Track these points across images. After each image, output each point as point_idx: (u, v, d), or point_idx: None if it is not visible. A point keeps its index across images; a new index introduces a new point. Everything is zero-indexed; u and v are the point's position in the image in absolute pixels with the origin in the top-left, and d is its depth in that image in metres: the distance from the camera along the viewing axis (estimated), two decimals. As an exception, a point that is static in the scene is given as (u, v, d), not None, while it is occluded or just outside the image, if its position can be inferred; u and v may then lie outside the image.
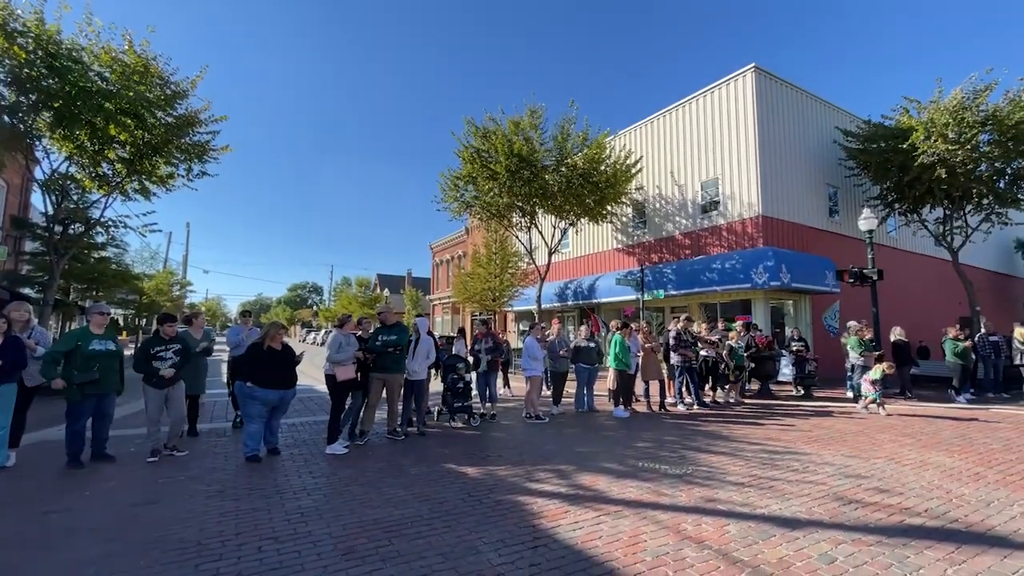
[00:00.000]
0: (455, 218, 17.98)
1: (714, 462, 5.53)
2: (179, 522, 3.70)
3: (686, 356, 9.46)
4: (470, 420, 7.67)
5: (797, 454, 5.93)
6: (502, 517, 3.84)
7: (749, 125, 14.95)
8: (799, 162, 16.03)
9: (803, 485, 4.69)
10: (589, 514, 3.91)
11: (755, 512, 3.98)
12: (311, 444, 6.31)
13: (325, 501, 4.19)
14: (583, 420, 8.27)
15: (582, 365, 8.86)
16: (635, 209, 18.83)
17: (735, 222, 15.34)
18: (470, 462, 5.48)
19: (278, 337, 5.76)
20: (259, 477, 4.90)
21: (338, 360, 6.02)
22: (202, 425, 7.25)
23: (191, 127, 12.00)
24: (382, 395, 6.64)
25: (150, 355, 5.60)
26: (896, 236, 18.61)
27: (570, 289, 20.21)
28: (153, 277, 27.77)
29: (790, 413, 9.04)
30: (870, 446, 6.37)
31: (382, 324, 6.70)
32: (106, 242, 15.42)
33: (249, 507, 4.02)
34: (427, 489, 4.51)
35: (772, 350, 11.98)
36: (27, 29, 9.48)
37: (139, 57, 10.73)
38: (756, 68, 15.09)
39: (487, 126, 15.50)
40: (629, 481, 4.78)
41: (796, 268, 13.76)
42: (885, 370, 9.09)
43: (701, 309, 16.29)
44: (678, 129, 17.44)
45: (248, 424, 5.54)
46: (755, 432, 7.25)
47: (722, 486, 4.64)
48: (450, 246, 33.49)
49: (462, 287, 22.09)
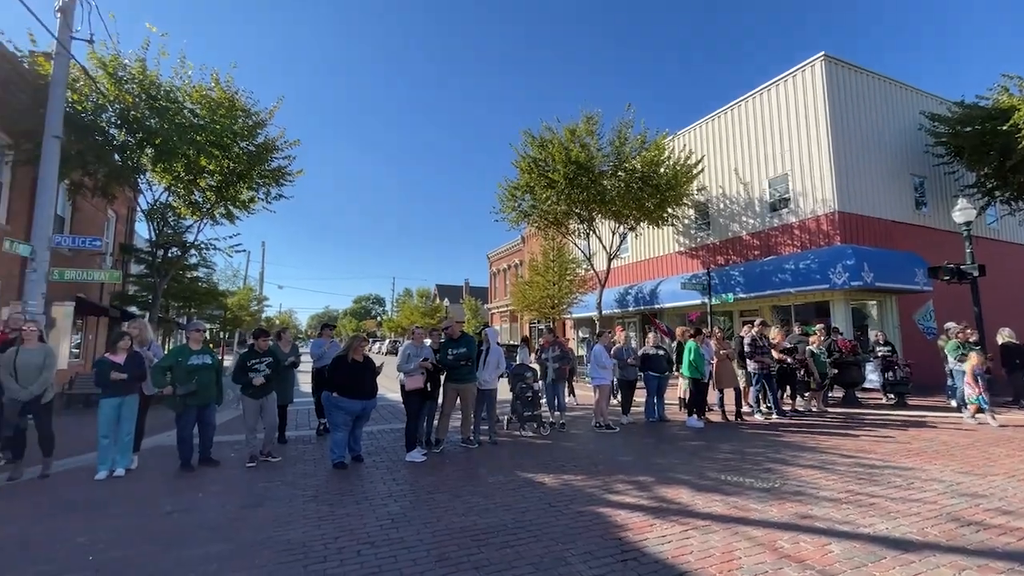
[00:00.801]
0: (512, 228, 18.20)
1: (804, 475, 5.23)
2: (283, 524, 3.97)
3: (763, 363, 9.02)
4: (540, 429, 7.70)
5: (898, 468, 5.48)
6: (586, 529, 3.82)
7: (820, 117, 14.11)
8: (879, 152, 14.92)
9: (910, 503, 4.33)
10: (676, 528, 3.82)
11: (858, 531, 3.73)
12: (390, 451, 6.57)
13: (412, 508, 4.35)
14: (655, 430, 8.07)
15: (651, 373, 8.66)
16: (698, 210, 18.23)
17: (808, 219, 14.48)
18: (546, 472, 5.50)
19: (360, 349, 6.06)
20: (347, 483, 5.16)
21: (406, 370, 6.26)
22: (290, 432, 7.74)
23: (269, 154, 12.96)
24: (455, 404, 6.81)
25: (246, 367, 6.07)
26: (997, 227, 16.88)
27: (631, 294, 19.83)
28: (235, 293, 29.97)
29: (883, 423, 8.38)
30: (984, 461, 5.78)
31: (448, 338, 6.86)
32: (198, 263, 16.86)
33: (343, 512, 4.25)
34: (507, 498, 4.57)
35: (857, 355, 11.15)
36: (133, 76, 10.63)
37: (224, 92, 11.74)
38: (825, 56, 14.25)
39: (544, 135, 15.61)
40: (713, 495, 4.61)
41: (880, 266, 12.77)
42: (978, 363, 8.31)
43: (773, 312, 15.47)
44: (742, 126, 16.74)
45: (334, 432, 5.86)
46: (846, 443, 6.78)
47: (816, 502, 4.38)
48: (507, 255, 33.85)
49: (520, 295, 22.25)
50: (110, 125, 11.13)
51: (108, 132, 11.11)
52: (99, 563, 3.30)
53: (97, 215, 15.69)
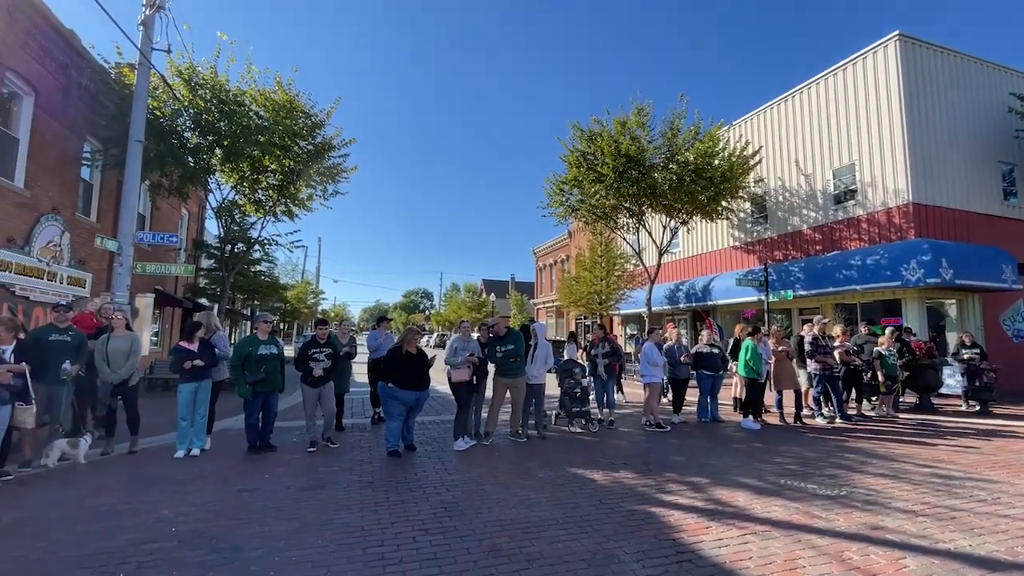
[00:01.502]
0: (560, 223, 18.07)
1: (873, 484, 4.92)
2: (342, 508, 4.16)
3: (825, 363, 8.55)
4: (588, 425, 7.65)
5: (981, 481, 5.06)
6: (638, 527, 3.77)
7: (894, 101, 13.12)
8: (960, 138, 13.71)
9: (996, 519, 4.00)
10: (733, 532, 3.70)
11: (936, 546, 3.48)
12: (441, 441, 6.73)
13: (464, 498, 4.44)
14: (708, 430, 7.84)
15: (705, 372, 8.40)
16: (754, 203, 17.44)
17: (878, 212, 13.54)
18: (595, 468, 5.46)
19: (414, 341, 6.23)
20: (401, 471, 5.33)
21: (453, 363, 6.37)
22: (346, 420, 8.07)
23: (327, 152, 13.49)
24: (505, 398, 6.88)
25: (307, 356, 6.38)
26: (1102, 218, 15.14)
27: (682, 291, 19.26)
28: (294, 287, 31.52)
29: (963, 432, 7.75)
30: (1084, 477, 5.24)
31: (495, 336, 6.92)
32: (261, 258, 17.84)
33: (398, 499, 4.40)
34: (558, 493, 4.58)
35: (932, 358, 10.35)
36: (205, 82, 11.33)
37: (287, 95, 12.31)
38: (901, 36, 13.21)
39: (592, 128, 15.38)
40: (772, 499, 4.43)
41: (960, 261, 11.77)
42: None
43: (836, 311, 14.60)
44: (804, 114, 15.83)
45: (389, 422, 6.06)
46: (920, 452, 6.33)
47: (888, 512, 4.12)
48: (553, 250, 33.71)
49: (567, 291, 22.11)
50: (185, 129, 11.94)
51: (183, 135, 11.92)
52: (180, 534, 3.58)
53: (173, 213, 16.91)
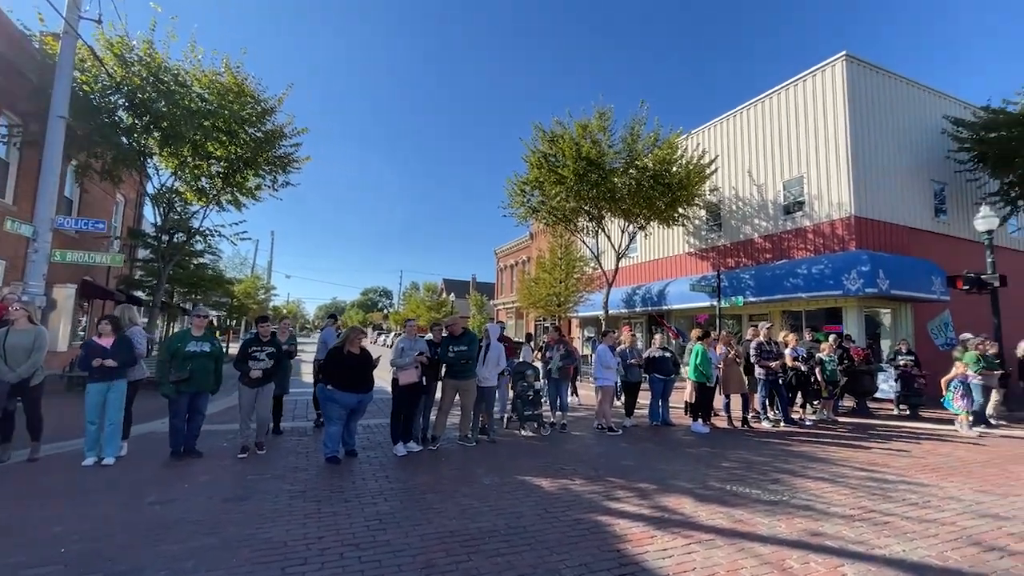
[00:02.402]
0: (521, 223, 17.98)
1: (813, 489, 4.99)
2: (267, 521, 3.82)
3: (769, 369, 8.76)
4: (540, 429, 7.51)
5: (913, 485, 5.23)
6: (583, 538, 3.63)
7: (839, 118, 13.73)
8: (899, 157, 14.51)
9: (927, 524, 4.09)
10: (678, 541, 3.61)
11: (873, 552, 3.50)
12: (386, 446, 6.40)
13: (402, 508, 4.18)
14: (659, 434, 7.85)
15: (657, 376, 8.43)
16: (709, 211, 17.90)
17: (823, 223, 14.13)
18: (544, 474, 5.31)
19: (357, 341, 5.90)
20: (338, 479, 5.00)
21: (399, 364, 6.08)
22: (286, 423, 7.61)
23: (277, 141, 12.84)
24: (454, 401, 6.64)
25: (247, 354, 5.93)
26: (1019, 237, 16.40)
27: (638, 295, 19.54)
28: (242, 282, 30.05)
29: (896, 436, 8.10)
30: (1004, 480, 5.51)
31: (450, 334, 6.69)
32: (204, 250, 16.82)
33: (330, 510, 4.09)
34: (502, 502, 4.38)
35: (869, 364, 10.84)
36: (140, 58, 10.52)
37: (234, 78, 11.62)
38: (847, 56, 13.85)
39: (555, 130, 15.36)
40: (718, 506, 4.40)
41: (896, 273, 12.41)
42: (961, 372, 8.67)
43: (783, 317, 15.13)
44: (757, 126, 16.37)
45: (328, 426, 5.71)
46: (858, 456, 6.52)
47: (827, 518, 4.15)
48: (514, 251, 33.64)
49: (527, 292, 22.04)
50: (117, 107, 11.06)
51: (116, 114, 11.03)
52: (71, 556, 3.16)
53: (106, 199, 15.69)
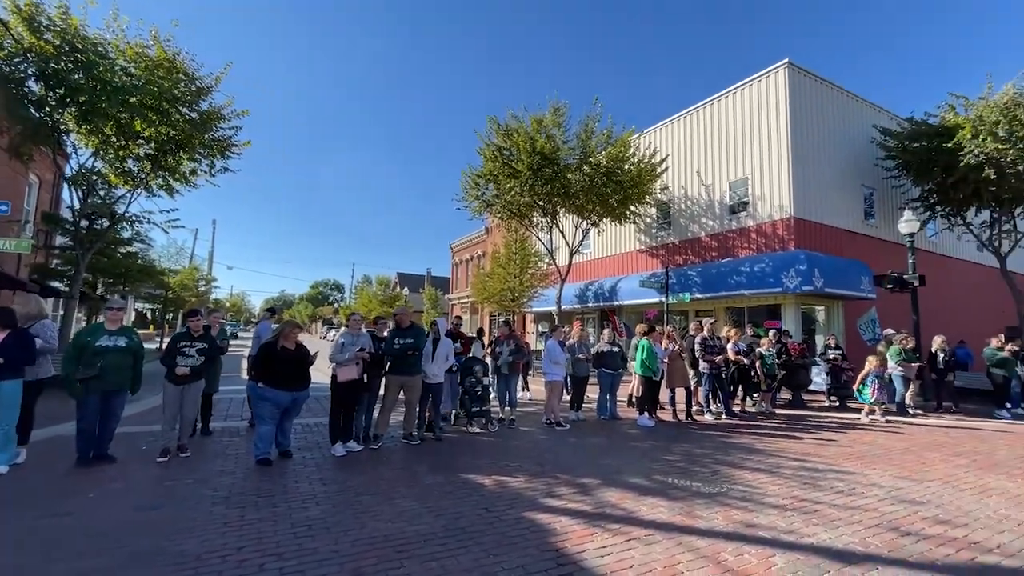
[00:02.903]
0: (475, 217, 17.81)
1: (751, 480, 5.13)
2: (181, 531, 3.49)
3: (713, 363, 9.02)
4: (488, 425, 7.39)
5: (840, 473, 5.48)
6: (522, 538, 3.54)
7: (782, 123, 14.36)
8: (834, 162, 15.36)
9: (852, 511, 4.27)
10: (618, 538, 3.58)
11: (802, 541, 3.60)
12: (324, 446, 6.09)
13: (334, 512, 3.94)
14: (606, 428, 7.91)
15: (605, 371, 8.50)
16: (659, 210, 18.34)
17: (765, 223, 14.76)
18: (488, 472, 5.19)
19: (292, 336, 5.57)
20: (268, 482, 4.69)
21: (339, 361, 5.80)
22: (216, 423, 7.13)
23: (214, 123, 12.04)
24: (398, 398, 6.41)
25: (175, 350, 5.48)
26: (937, 240, 17.75)
27: (591, 291, 19.80)
28: (179, 273, 28.24)
29: (826, 426, 8.53)
30: (920, 466, 5.88)
31: (397, 326, 6.46)
32: (131, 237, 15.61)
33: (255, 516, 3.80)
34: (443, 502, 4.23)
35: (805, 358, 11.41)
36: (53, 23, 9.55)
37: (165, 52, 10.77)
38: (790, 64, 14.49)
39: (510, 124, 15.24)
40: (659, 499, 4.43)
41: (830, 272, 13.14)
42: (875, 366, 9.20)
43: (727, 313, 15.72)
44: (706, 127, 16.89)
45: (259, 426, 5.36)
46: (792, 446, 6.80)
47: (762, 509, 4.26)
48: (470, 246, 33.35)
49: (481, 287, 21.88)
50: (27, 77, 10.00)
51: (24, 85, 9.98)
52: (-63, 581, 2.75)
53: (16, 179, 14.24)
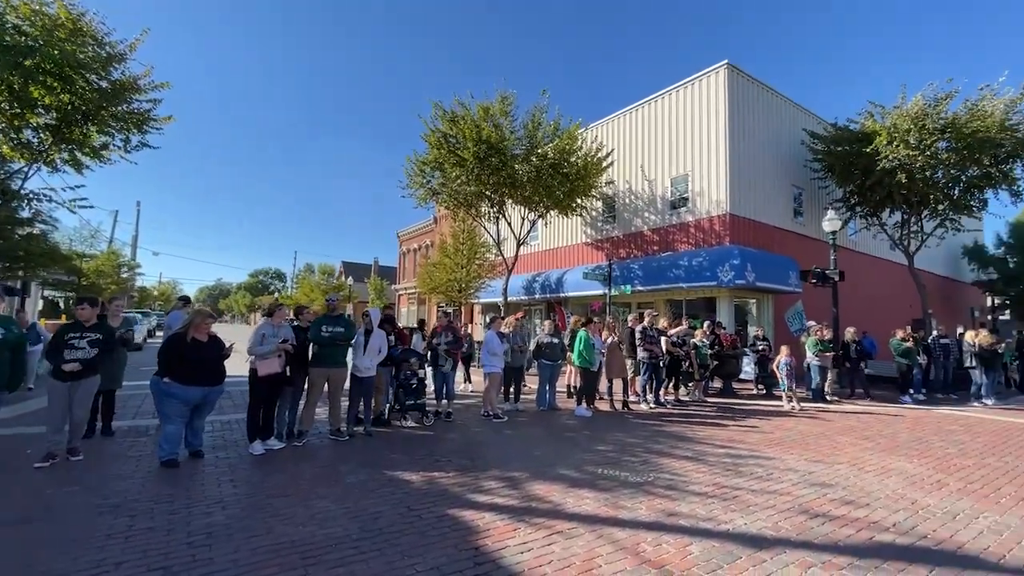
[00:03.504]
0: (420, 205, 17.33)
1: (677, 468, 5.25)
2: (53, 546, 3.10)
3: (652, 352, 9.23)
4: (423, 419, 7.19)
5: (761, 459, 5.72)
6: (442, 537, 3.40)
7: (720, 123, 14.86)
8: (767, 162, 16.09)
9: (768, 495, 4.44)
10: (540, 532, 3.52)
11: (719, 528, 3.68)
12: (243, 445, 5.69)
13: (241, 517, 3.65)
14: (544, 419, 7.91)
15: (544, 361, 8.50)
16: (605, 203, 18.60)
17: (703, 219, 15.28)
18: (416, 468, 5.01)
19: (204, 327, 5.14)
20: (170, 486, 4.30)
21: (259, 353, 5.42)
22: (122, 422, 6.53)
23: (128, 94, 10.98)
24: (324, 391, 6.09)
25: (62, 343, 4.90)
26: (856, 239, 19.04)
27: (538, 282, 19.88)
28: (95, 258, 25.91)
29: (752, 413, 8.94)
30: (832, 450, 6.24)
31: (326, 314, 6.13)
32: (32, 217, 14.05)
33: (146, 526, 3.45)
34: (363, 502, 4.02)
35: (736, 349, 11.94)
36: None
37: (67, 12, 9.66)
38: (728, 65, 14.98)
39: (455, 110, 14.89)
40: (586, 491, 4.42)
41: (761, 267, 13.79)
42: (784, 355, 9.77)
43: (667, 306, 16.21)
44: (649, 124, 17.24)
45: (165, 425, 4.91)
46: (719, 434, 7.05)
47: (684, 496, 4.34)
48: (418, 235, 32.67)
49: (427, 277, 21.47)
50: None
51: None
52: None
53: None
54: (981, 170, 13.72)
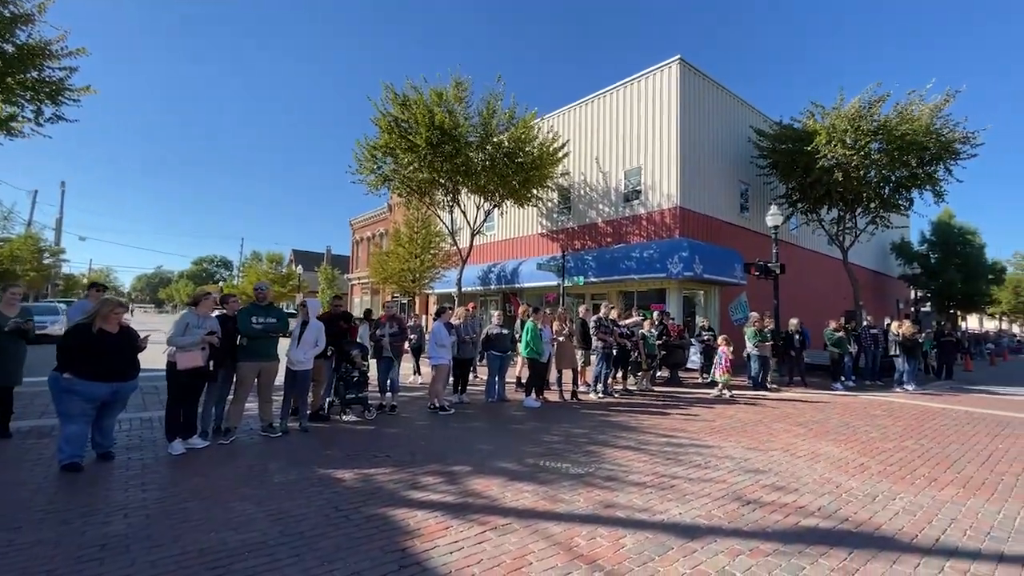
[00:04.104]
0: (372, 192, 16.72)
1: (619, 458, 5.26)
2: (-88, 567, 2.71)
3: (607, 342, 9.29)
4: (365, 413, 6.93)
5: (700, 447, 5.83)
6: (368, 539, 3.22)
7: (672, 117, 15.09)
8: (716, 157, 16.51)
9: (704, 483, 4.50)
10: (473, 530, 3.40)
11: (654, 519, 3.68)
12: (162, 445, 5.26)
13: (146, 525, 3.33)
14: (491, 411, 7.81)
15: (494, 353, 8.38)
16: (560, 194, 18.61)
17: (655, 212, 15.54)
18: (351, 465, 4.78)
19: (113, 317, 4.67)
20: (68, 493, 3.89)
21: (180, 344, 5.01)
22: (25, 423, 5.91)
23: (38, 60, 9.95)
24: (253, 385, 5.73)
25: None
26: (796, 234, 19.93)
27: (493, 273, 19.73)
28: (9, 241, 23.71)
29: (696, 401, 9.17)
30: (767, 436, 6.46)
31: (256, 303, 5.75)
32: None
33: (30, 539, 3.08)
34: (287, 503, 3.77)
35: (683, 339, 12.24)
36: None
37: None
38: (681, 60, 15.21)
39: (408, 94, 14.41)
40: (525, 484, 4.34)
41: (709, 260, 14.17)
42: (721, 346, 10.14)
43: (619, 297, 16.46)
44: (604, 116, 17.33)
45: (65, 425, 4.44)
46: (663, 423, 7.16)
47: (623, 487, 4.33)
48: (371, 223, 31.77)
49: (379, 266, 20.90)
50: None
51: None
52: None
53: None
54: (908, 171, 14.57)
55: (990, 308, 37.77)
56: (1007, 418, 8.21)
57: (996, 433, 7.03)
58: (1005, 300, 39.06)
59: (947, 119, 14.08)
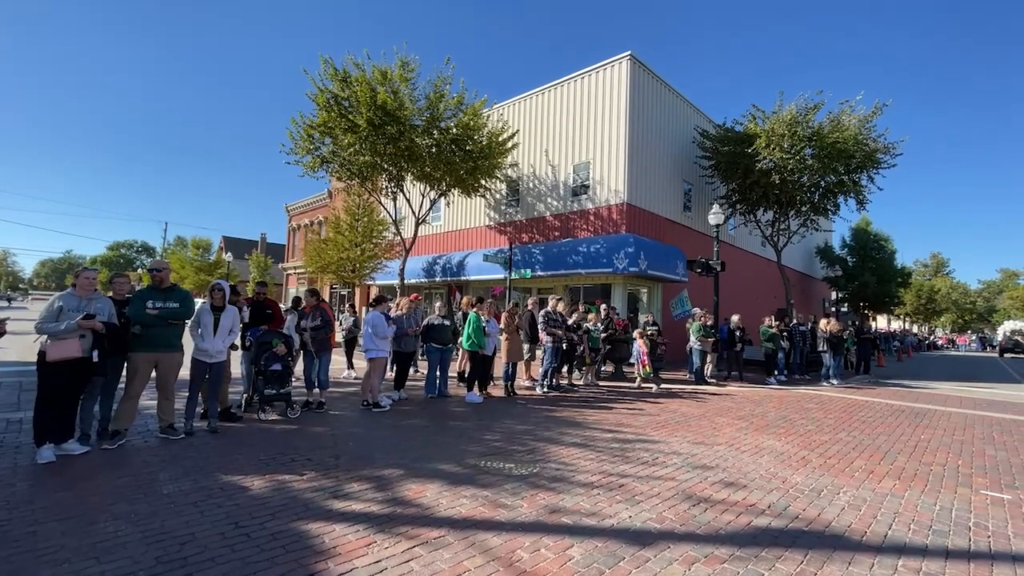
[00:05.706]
0: (308, 174, 15.59)
1: (565, 456, 4.95)
2: None
3: (556, 336, 9.03)
4: (288, 411, 6.24)
5: (647, 442, 5.64)
6: (271, 561, 2.68)
7: (621, 113, 15.09)
8: (662, 156, 16.73)
9: (653, 482, 4.26)
10: (400, 546, 2.93)
11: (603, 524, 3.37)
12: (28, 450, 4.40)
13: (-25, 556, 2.61)
14: (430, 407, 7.31)
15: (433, 345, 7.88)
16: (509, 186, 18.26)
17: (602, 207, 15.51)
18: (263, 471, 4.16)
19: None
20: None
21: (49, 332, 4.18)
22: None
23: None
24: (149, 380, 4.94)
25: None
26: (734, 234, 20.68)
27: (439, 264, 19.09)
28: None
29: (640, 396, 9.10)
30: (711, 431, 6.39)
31: (154, 287, 4.96)
32: None
33: None
34: (173, 520, 3.14)
35: (628, 333, 12.24)
36: None
37: None
38: (631, 57, 15.23)
39: (348, 70, 13.49)
40: (464, 488, 3.91)
41: (653, 256, 14.30)
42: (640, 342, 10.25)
43: (566, 291, 16.34)
44: (555, 109, 17.12)
45: None
46: (608, 418, 6.96)
47: (569, 489, 4.01)
48: (309, 210, 30.08)
49: (315, 255, 19.70)
50: None
51: None
52: None
53: None
54: (837, 177, 15.40)
55: (896, 309, 41.36)
56: (923, 410, 8.71)
57: (916, 424, 7.38)
58: (909, 302, 42.98)
59: (870, 129, 14.97)
